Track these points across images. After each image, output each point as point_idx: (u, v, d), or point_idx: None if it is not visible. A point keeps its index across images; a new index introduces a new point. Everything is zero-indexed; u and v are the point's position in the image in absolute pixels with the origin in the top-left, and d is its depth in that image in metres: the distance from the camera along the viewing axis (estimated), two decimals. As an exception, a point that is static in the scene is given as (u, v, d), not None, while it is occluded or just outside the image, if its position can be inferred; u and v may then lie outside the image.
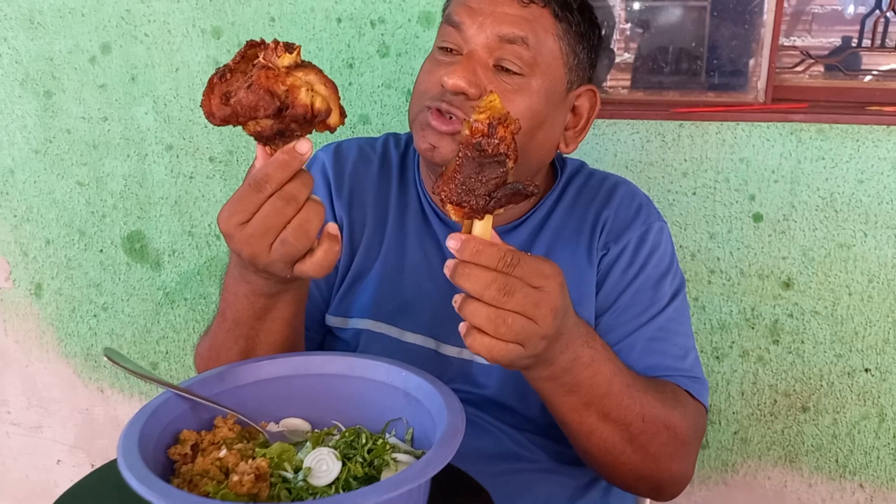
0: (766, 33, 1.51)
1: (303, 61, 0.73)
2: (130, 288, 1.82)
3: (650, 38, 1.69)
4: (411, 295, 1.04)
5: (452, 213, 0.71)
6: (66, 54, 1.66)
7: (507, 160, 0.68)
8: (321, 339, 1.09)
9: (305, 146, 0.73)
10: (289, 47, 0.72)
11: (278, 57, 0.71)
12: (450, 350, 1.02)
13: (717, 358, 1.60)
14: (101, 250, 1.80)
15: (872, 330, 1.53)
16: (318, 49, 1.56)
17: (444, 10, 1.02)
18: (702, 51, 1.65)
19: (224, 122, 0.73)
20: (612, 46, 1.70)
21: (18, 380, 1.95)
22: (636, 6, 1.72)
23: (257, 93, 0.70)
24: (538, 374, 0.81)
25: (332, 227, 0.76)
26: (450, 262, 0.70)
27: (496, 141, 0.67)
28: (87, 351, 1.90)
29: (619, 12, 1.73)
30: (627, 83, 1.71)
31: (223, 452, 0.76)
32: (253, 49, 0.74)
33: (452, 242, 0.70)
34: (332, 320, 1.07)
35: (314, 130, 0.75)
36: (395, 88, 1.57)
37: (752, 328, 1.57)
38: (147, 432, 0.74)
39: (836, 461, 1.63)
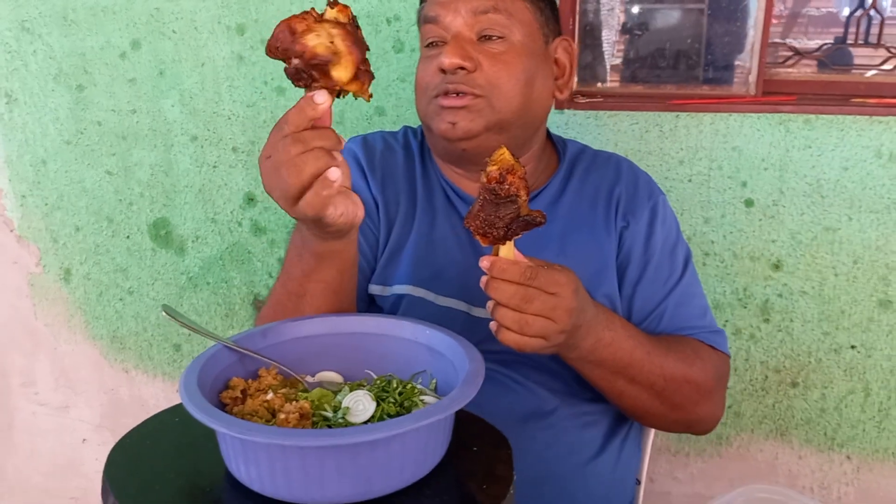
0: (756, 31, 1.61)
1: (349, 22, 0.82)
2: (155, 272, 1.92)
3: (651, 38, 1.79)
4: (443, 264, 1.15)
5: (481, 241, 0.87)
6: (98, 50, 1.76)
7: (518, 198, 0.85)
8: (365, 308, 1.19)
9: (321, 97, 0.80)
10: (334, 4, 0.82)
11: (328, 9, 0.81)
12: (480, 312, 1.13)
13: (712, 336, 1.70)
14: (128, 236, 1.90)
15: (857, 309, 1.63)
16: (336, 45, 1.66)
17: (417, 18, 1.16)
18: (698, 47, 1.75)
19: (268, 51, 0.81)
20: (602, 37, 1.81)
21: (48, 361, 2.05)
22: (635, 10, 1.83)
23: (280, 26, 0.80)
24: (567, 356, 0.99)
25: (331, 172, 0.81)
26: (484, 279, 0.88)
27: (507, 186, 0.84)
28: (114, 333, 1.99)
29: (618, 14, 1.83)
30: (628, 79, 1.81)
31: (270, 395, 0.86)
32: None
33: (484, 263, 0.87)
34: (373, 288, 1.17)
35: (337, 89, 0.81)
36: (409, 82, 1.67)
37: (745, 307, 1.67)
38: (201, 379, 0.84)
39: (825, 434, 1.72)
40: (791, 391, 1.71)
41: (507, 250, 0.88)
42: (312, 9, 0.82)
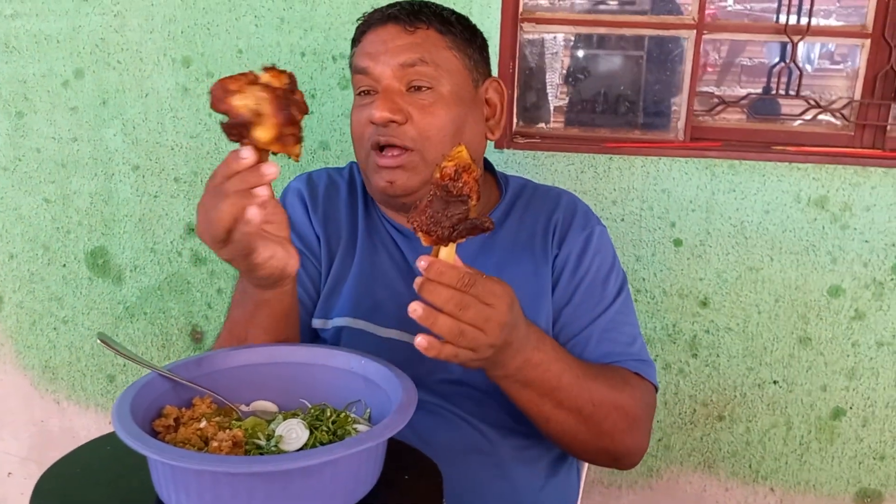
0: (686, 81, 1.70)
1: (284, 87, 0.86)
2: (91, 302, 1.89)
3: (591, 83, 1.87)
4: (384, 296, 1.16)
5: (423, 240, 0.85)
6: (40, 77, 1.75)
7: (469, 200, 0.84)
8: (309, 342, 1.19)
9: (246, 152, 0.84)
10: (269, 69, 0.86)
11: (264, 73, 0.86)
12: None
13: (643, 371, 1.76)
14: (65, 265, 1.87)
15: (779, 345, 1.71)
16: (282, 80, 1.69)
17: (350, 65, 1.19)
18: (633, 94, 1.84)
19: (211, 106, 0.85)
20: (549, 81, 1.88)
21: (-26, 391, 1.99)
22: (580, 54, 1.91)
23: (217, 84, 0.84)
24: (494, 374, 0.98)
25: (248, 211, 0.84)
26: (418, 280, 0.84)
27: (460, 184, 0.83)
28: (46, 363, 1.95)
29: (562, 59, 1.91)
30: (572, 122, 1.88)
31: (203, 424, 0.86)
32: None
33: (422, 263, 0.84)
34: (315, 322, 1.18)
35: (263, 149, 0.85)
36: (352, 118, 1.70)
37: (674, 343, 1.73)
38: (134, 407, 0.84)
39: (750, 466, 1.79)
40: (718, 424, 1.77)
41: (448, 254, 0.85)
42: (251, 71, 0.86)
